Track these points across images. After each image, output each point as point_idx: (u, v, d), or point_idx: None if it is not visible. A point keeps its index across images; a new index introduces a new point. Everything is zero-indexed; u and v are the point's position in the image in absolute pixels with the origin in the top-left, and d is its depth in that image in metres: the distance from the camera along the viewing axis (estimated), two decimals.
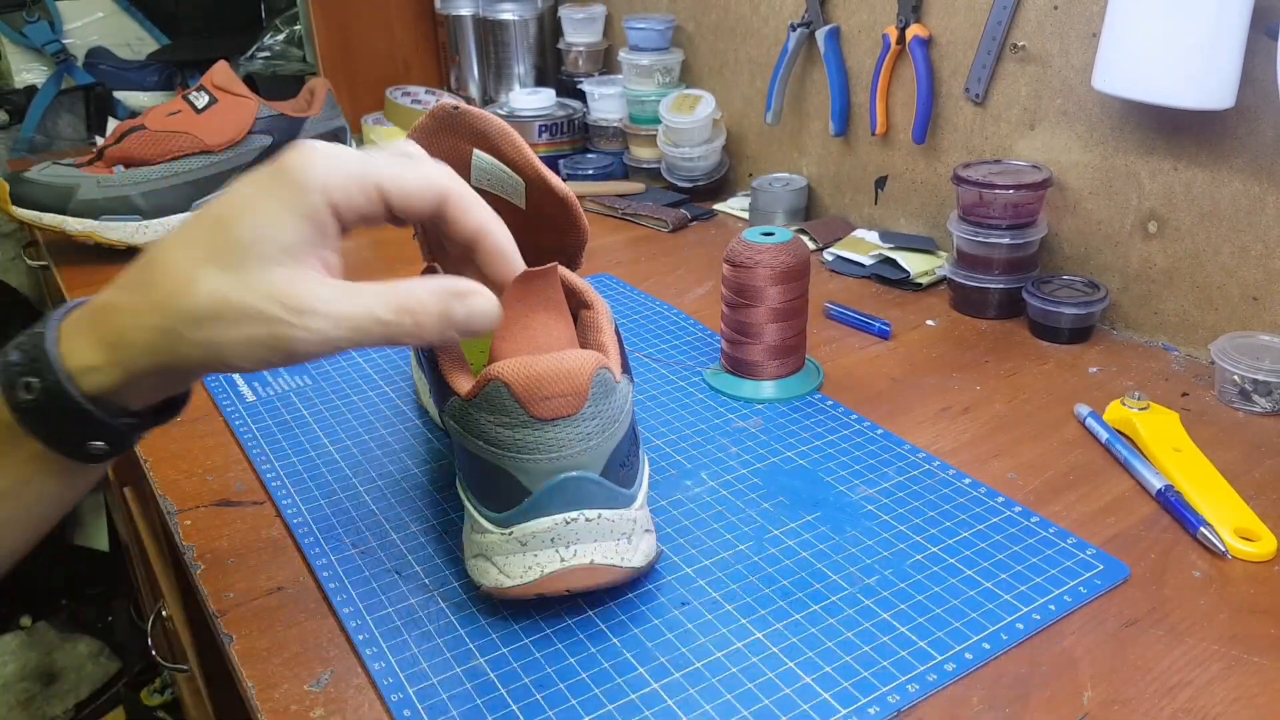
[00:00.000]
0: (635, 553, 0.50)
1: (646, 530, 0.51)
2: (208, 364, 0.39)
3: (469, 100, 1.45)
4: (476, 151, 0.54)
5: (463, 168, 0.54)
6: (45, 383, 0.39)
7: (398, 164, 0.41)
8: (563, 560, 0.48)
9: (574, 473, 0.47)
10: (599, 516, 0.48)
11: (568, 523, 0.48)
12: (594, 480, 0.48)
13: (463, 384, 0.50)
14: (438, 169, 0.42)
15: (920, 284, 0.91)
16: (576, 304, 0.55)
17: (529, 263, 0.59)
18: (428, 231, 0.59)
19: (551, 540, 0.48)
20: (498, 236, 0.44)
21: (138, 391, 0.41)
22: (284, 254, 0.37)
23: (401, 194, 0.40)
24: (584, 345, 0.52)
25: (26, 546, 0.44)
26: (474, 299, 0.41)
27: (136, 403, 0.42)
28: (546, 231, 0.57)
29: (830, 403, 0.71)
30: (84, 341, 0.39)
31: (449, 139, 0.54)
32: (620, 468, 0.49)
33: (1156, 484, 0.60)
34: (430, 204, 0.41)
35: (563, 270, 0.56)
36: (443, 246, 0.60)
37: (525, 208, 0.56)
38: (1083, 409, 0.68)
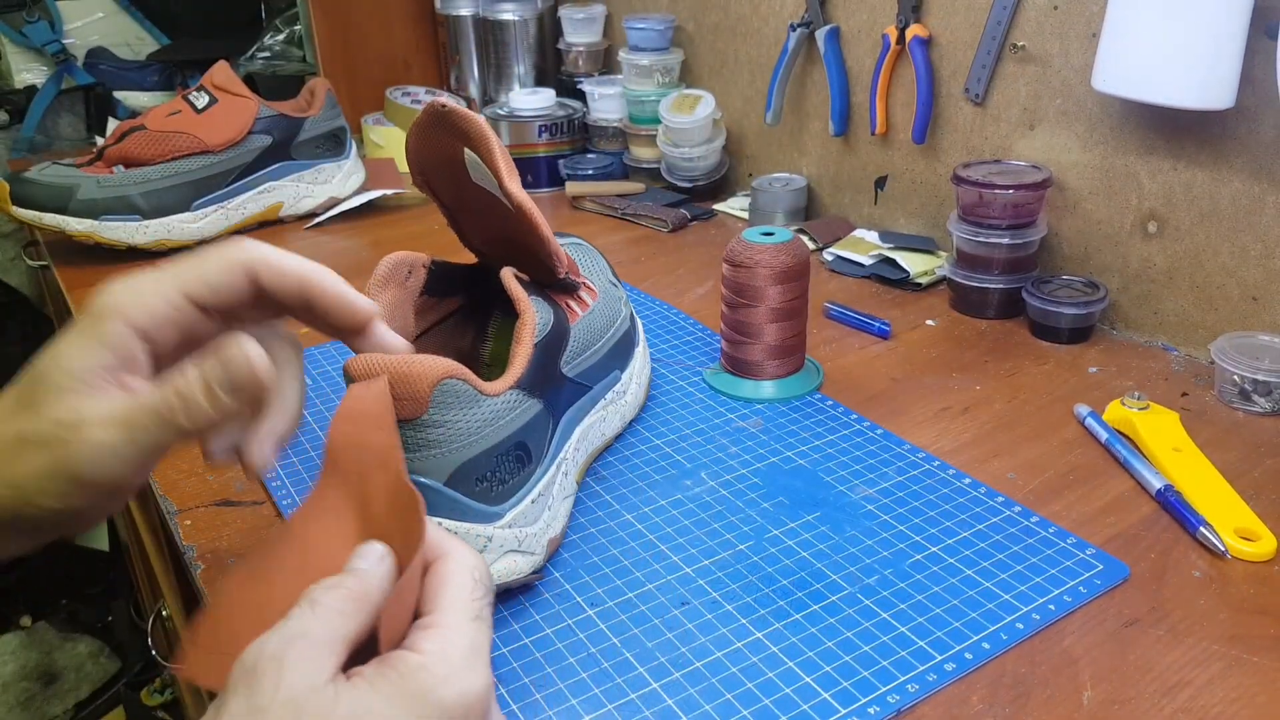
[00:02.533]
0: None
1: (511, 551, 0.51)
2: (17, 508, 0.37)
3: (469, 101, 1.45)
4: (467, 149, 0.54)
5: (455, 163, 0.55)
6: None
7: (190, 260, 0.39)
8: None
9: (416, 477, 0.47)
10: (439, 524, 0.47)
11: None
12: (434, 488, 0.47)
13: None
14: (232, 243, 0.40)
15: (920, 284, 0.91)
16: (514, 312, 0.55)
17: (514, 262, 0.58)
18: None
19: None
20: (324, 282, 0.41)
21: None
22: (75, 380, 0.37)
23: (205, 286, 0.39)
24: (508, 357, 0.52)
25: None
26: (225, 350, 0.37)
27: None
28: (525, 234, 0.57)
29: (830, 403, 0.71)
30: None
31: (442, 135, 0.54)
32: (479, 483, 0.49)
33: (1156, 484, 0.60)
34: (241, 279, 0.40)
35: (505, 276, 0.56)
36: (452, 212, 0.60)
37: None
38: (1082, 409, 0.69)
